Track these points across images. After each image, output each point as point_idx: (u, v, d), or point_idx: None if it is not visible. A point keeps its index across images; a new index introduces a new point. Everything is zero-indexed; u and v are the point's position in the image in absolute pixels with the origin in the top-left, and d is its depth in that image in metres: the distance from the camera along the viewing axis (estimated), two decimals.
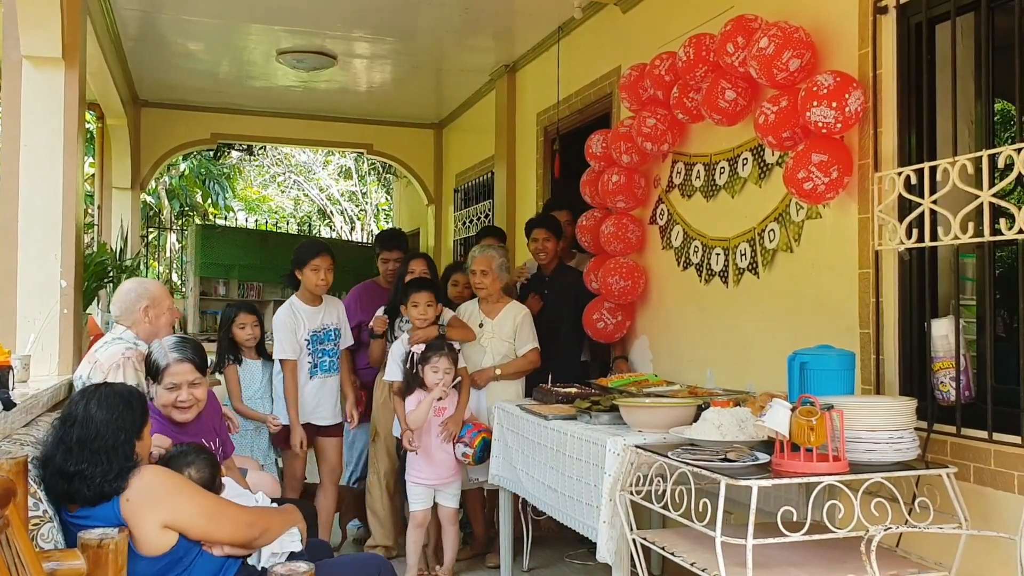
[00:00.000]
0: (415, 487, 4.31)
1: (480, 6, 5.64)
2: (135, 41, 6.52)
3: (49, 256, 4.06)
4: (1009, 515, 2.64)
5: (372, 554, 3.86)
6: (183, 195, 14.57)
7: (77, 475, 2.38)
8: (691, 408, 3.37)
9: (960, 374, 2.86)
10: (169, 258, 14.49)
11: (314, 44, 6.52)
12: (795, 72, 3.37)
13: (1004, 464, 2.74)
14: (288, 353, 4.53)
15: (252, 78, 7.53)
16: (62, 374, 3.97)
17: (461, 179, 8.59)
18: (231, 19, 6.06)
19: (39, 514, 2.30)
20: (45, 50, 4.07)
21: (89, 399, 2.51)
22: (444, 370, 4.21)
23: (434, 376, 4.20)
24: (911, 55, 3.14)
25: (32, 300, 4.03)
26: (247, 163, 17.63)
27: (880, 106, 3.21)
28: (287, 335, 4.55)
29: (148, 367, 3.26)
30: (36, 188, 4.07)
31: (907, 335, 3.13)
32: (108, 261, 5.57)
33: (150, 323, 3.52)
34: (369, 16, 5.90)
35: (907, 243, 3.01)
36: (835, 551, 2.83)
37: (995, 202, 2.71)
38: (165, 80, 7.64)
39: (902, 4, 3.14)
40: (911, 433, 2.73)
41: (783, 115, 3.38)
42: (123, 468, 2.43)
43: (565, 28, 5.86)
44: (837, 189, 3.26)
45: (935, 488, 2.79)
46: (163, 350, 3.24)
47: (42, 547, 2.25)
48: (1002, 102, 4.66)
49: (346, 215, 18.22)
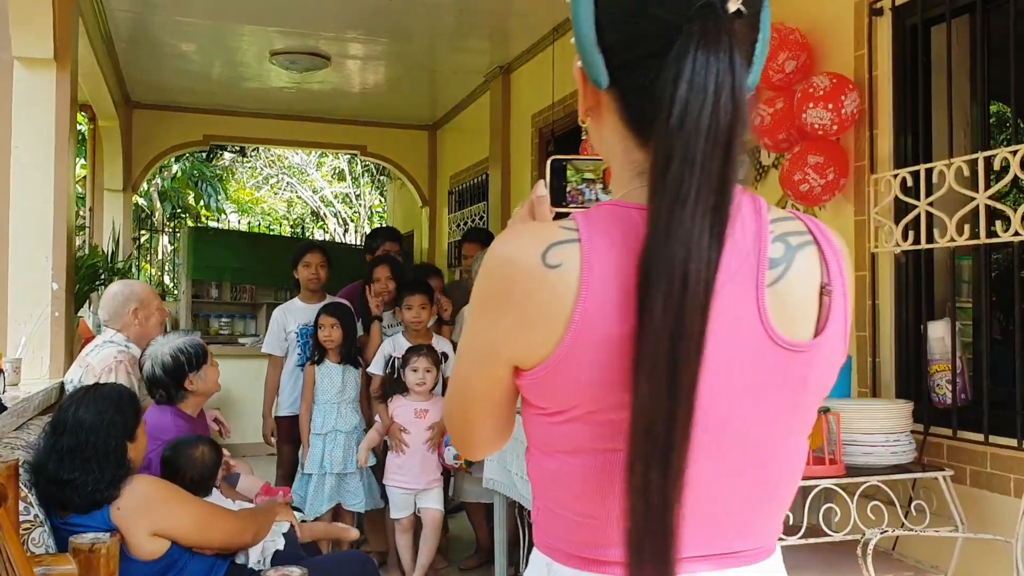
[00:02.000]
0: (396, 493, 4.25)
1: (474, 7, 5.63)
2: (127, 42, 6.49)
3: (40, 258, 4.03)
4: (1005, 518, 2.64)
5: (356, 552, 3.84)
6: (175, 197, 14.51)
7: (69, 483, 2.36)
8: None
9: (956, 377, 2.86)
10: (161, 260, 14.44)
11: (307, 45, 6.50)
12: (791, 74, 3.37)
13: (1000, 467, 2.73)
14: (270, 348, 4.77)
15: (245, 79, 7.50)
16: (53, 377, 3.94)
17: (455, 181, 8.58)
18: (224, 20, 6.03)
19: (30, 518, 2.28)
20: (37, 51, 4.04)
21: (79, 404, 2.48)
22: (424, 369, 4.18)
23: (414, 376, 4.19)
24: (907, 57, 3.14)
25: (23, 303, 4.00)
26: (240, 165, 17.58)
27: (876, 108, 3.20)
28: (274, 331, 4.78)
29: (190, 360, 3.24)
30: (27, 190, 4.04)
31: (903, 338, 3.13)
32: (100, 263, 5.53)
33: (140, 325, 3.50)
34: (363, 17, 5.88)
35: (903, 245, 3.01)
36: (832, 554, 2.82)
37: (991, 204, 2.71)
38: (157, 81, 7.61)
39: (898, 6, 3.14)
40: (907, 436, 2.73)
41: (779, 117, 3.38)
42: (115, 476, 2.40)
43: (560, 29, 5.85)
44: (833, 191, 3.26)
45: (931, 491, 2.78)
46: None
47: (33, 551, 2.22)
48: (997, 104, 4.67)
49: (339, 217, 18.19)
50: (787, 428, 0.97)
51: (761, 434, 0.95)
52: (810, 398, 0.97)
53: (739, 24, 0.88)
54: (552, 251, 0.92)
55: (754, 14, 0.93)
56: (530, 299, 0.92)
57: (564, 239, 0.92)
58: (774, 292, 0.93)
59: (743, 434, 0.94)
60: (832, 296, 0.95)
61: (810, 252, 0.96)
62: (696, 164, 0.84)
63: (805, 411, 0.98)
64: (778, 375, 0.94)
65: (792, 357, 0.93)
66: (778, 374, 0.93)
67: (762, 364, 0.92)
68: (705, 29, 0.86)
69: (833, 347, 0.96)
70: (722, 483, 0.94)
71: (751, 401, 0.93)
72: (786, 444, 0.98)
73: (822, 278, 0.96)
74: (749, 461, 0.95)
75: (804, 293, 0.95)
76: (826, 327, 0.95)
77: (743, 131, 0.86)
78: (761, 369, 0.93)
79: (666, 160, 0.85)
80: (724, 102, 0.85)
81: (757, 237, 0.93)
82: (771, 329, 0.92)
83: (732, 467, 0.95)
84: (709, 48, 0.86)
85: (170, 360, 3.19)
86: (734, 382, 0.92)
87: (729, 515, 0.96)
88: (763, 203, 0.97)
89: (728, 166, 0.85)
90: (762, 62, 0.97)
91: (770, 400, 0.94)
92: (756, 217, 0.95)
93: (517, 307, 0.93)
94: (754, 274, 0.92)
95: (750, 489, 0.96)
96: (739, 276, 0.91)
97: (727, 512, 0.96)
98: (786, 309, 0.93)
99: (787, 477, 1.00)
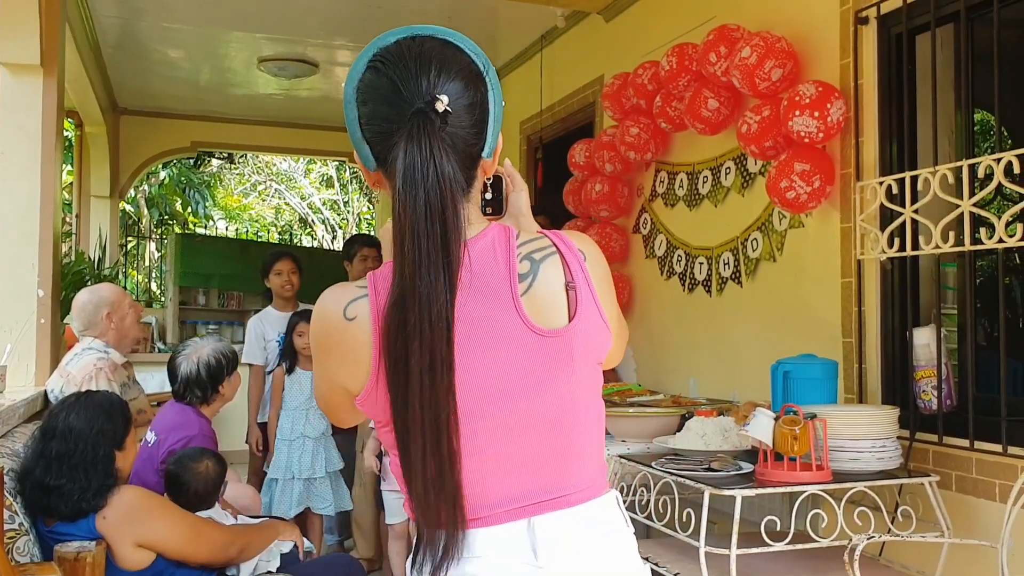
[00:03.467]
0: (392, 498, 4.24)
1: (463, 14, 5.63)
2: (115, 48, 6.47)
3: (26, 265, 4.00)
4: (991, 523, 2.65)
5: (340, 554, 3.82)
6: (162, 203, 14.46)
7: (56, 490, 2.35)
8: (675, 418, 3.36)
9: (942, 383, 2.87)
10: (148, 267, 14.36)
11: (295, 52, 6.50)
12: (777, 82, 3.39)
13: (985, 472, 2.75)
14: (251, 358, 4.73)
15: (233, 86, 7.49)
16: (39, 384, 3.91)
17: None
18: (212, 26, 6.02)
19: (15, 527, 2.26)
20: (23, 57, 4.02)
21: (69, 410, 2.48)
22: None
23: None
24: (892, 65, 3.16)
25: (8, 310, 3.97)
26: (228, 171, 17.53)
27: (862, 116, 3.22)
28: (253, 340, 4.76)
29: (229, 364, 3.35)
30: (13, 196, 4.01)
31: (889, 344, 3.14)
32: (86, 270, 5.52)
33: (116, 329, 3.48)
34: (351, 24, 5.88)
35: (889, 252, 3.03)
36: (819, 560, 2.83)
37: (975, 212, 2.73)
38: (145, 88, 7.59)
39: (883, 15, 3.16)
40: (894, 442, 2.74)
41: (765, 124, 3.40)
42: (103, 485, 2.40)
43: (548, 37, 5.87)
44: (819, 198, 3.27)
45: (918, 497, 2.80)
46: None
47: (18, 561, 2.21)
48: (982, 112, 4.70)
49: (328, 224, 18.15)
50: (571, 394, 1.23)
51: (548, 402, 1.21)
52: (584, 367, 1.25)
53: (457, 115, 1.18)
54: (350, 306, 1.21)
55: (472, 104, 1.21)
56: (340, 346, 1.23)
57: (358, 296, 1.22)
58: (528, 298, 1.21)
59: (532, 407, 1.21)
60: (577, 289, 1.23)
61: (552, 261, 1.24)
62: (421, 236, 1.12)
63: (585, 377, 1.25)
64: (547, 356, 1.21)
65: (554, 340, 1.21)
66: (547, 355, 1.21)
67: (533, 351, 1.20)
68: (411, 131, 1.14)
69: (589, 326, 1.24)
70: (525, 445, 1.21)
71: (532, 380, 1.20)
72: (574, 404, 1.24)
73: (566, 278, 1.23)
74: (543, 425, 1.22)
75: (552, 292, 1.22)
76: (577, 313, 1.22)
77: (455, 201, 1.14)
78: (533, 355, 1.20)
79: (401, 235, 1.14)
80: (431, 187, 1.13)
81: (507, 261, 1.21)
82: (531, 325, 1.20)
83: (531, 434, 1.21)
84: (415, 144, 1.14)
85: (214, 362, 3.29)
86: (514, 371, 1.19)
87: (540, 470, 1.23)
88: (513, 232, 1.25)
89: (447, 232, 1.13)
90: (497, 130, 1.25)
91: (547, 375, 1.21)
92: (506, 245, 1.23)
93: (334, 351, 1.24)
94: (509, 289, 1.20)
95: (551, 445, 1.22)
96: (499, 293, 1.20)
97: (538, 467, 1.22)
98: (540, 307, 1.21)
99: (581, 429, 1.26)
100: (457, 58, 1.21)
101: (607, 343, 1.28)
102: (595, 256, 1.28)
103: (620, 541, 1.30)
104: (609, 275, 1.31)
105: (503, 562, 1.21)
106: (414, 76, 1.18)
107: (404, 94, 1.17)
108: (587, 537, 1.25)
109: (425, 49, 1.20)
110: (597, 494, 1.28)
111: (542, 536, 1.22)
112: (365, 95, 1.21)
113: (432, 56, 1.19)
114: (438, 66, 1.18)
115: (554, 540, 1.22)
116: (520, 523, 1.22)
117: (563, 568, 1.22)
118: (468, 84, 1.20)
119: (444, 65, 1.19)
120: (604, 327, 1.26)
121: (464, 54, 1.22)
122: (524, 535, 1.21)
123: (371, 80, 1.21)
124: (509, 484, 1.22)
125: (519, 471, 1.22)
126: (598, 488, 1.29)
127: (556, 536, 1.22)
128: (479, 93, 1.22)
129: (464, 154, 1.20)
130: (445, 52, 1.21)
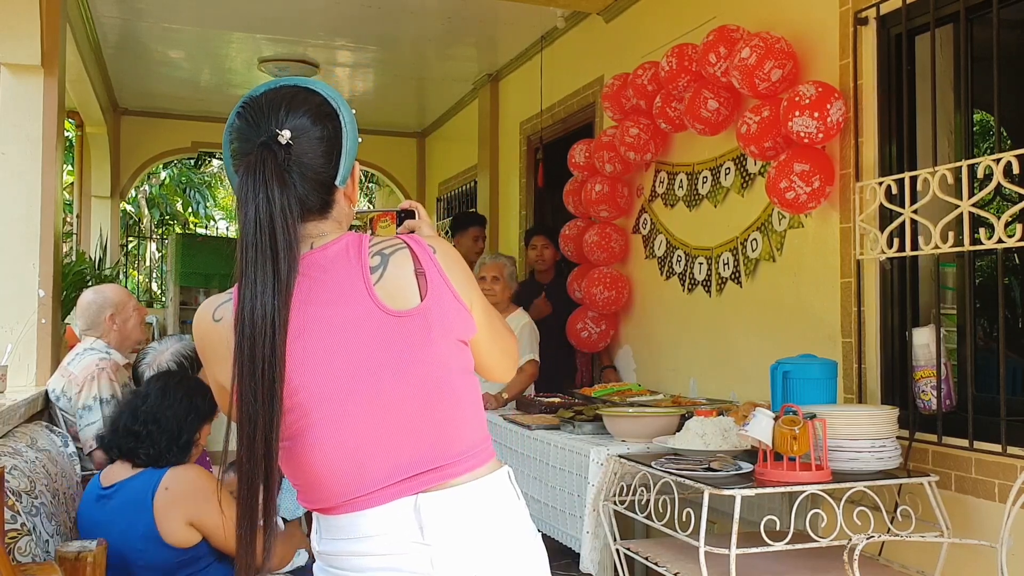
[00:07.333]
0: None
1: (463, 15, 5.64)
2: (115, 49, 6.47)
3: (27, 265, 4.01)
4: (990, 523, 2.66)
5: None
6: (163, 204, 14.48)
7: (145, 436, 2.53)
8: (674, 417, 3.37)
9: (941, 383, 2.88)
10: (149, 267, 14.37)
11: (296, 53, 6.50)
12: (777, 82, 3.39)
13: (985, 472, 2.75)
14: None
15: (233, 86, 7.49)
16: (40, 385, 3.91)
17: (444, 188, 8.58)
18: (212, 27, 6.03)
19: (16, 527, 2.27)
20: (24, 57, 4.02)
21: (167, 379, 2.70)
22: None
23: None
24: (892, 66, 3.17)
25: (9, 310, 3.97)
26: None
27: (861, 116, 3.23)
28: None
29: (192, 365, 3.29)
30: (14, 196, 4.02)
31: (889, 344, 3.15)
32: (87, 270, 5.51)
33: (118, 330, 3.48)
34: (351, 25, 5.88)
35: (888, 252, 3.03)
36: (818, 560, 2.83)
37: (975, 212, 2.73)
38: (145, 88, 7.60)
39: (882, 16, 3.17)
40: (893, 442, 2.74)
41: (765, 125, 3.40)
42: (187, 442, 2.58)
43: (548, 37, 5.87)
44: (819, 199, 3.28)
45: (917, 496, 2.80)
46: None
47: (19, 560, 2.21)
48: (981, 113, 4.71)
49: None
50: (437, 367, 1.37)
51: (415, 375, 1.35)
52: (443, 341, 1.38)
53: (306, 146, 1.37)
54: (218, 310, 1.39)
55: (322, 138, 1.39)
56: (213, 347, 1.39)
57: (225, 300, 1.39)
58: (380, 286, 1.36)
59: (400, 380, 1.34)
60: (427, 274, 1.38)
61: (402, 254, 1.40)
62: (249, 247, 1.29)
63: (447, 352, 1.39)
64: (406, 333, 1.36)
65: (409, 319, 1.36)
66: (405, 332, 1.36)
67: (392, 331, 1.35)
68: (250, 160, 1.33)
69: (443, 305, 1.39)
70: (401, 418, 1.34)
71: (394, 355, 1.34)
72: (440, 378, 1.37)
73: (415, 267, 1.39)
74: (413, 397, 1.35)
75: (402, 278, 1.38)
76: (428, 293, 1.37)
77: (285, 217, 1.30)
78: (392, 334, 1.35)
79: (243, 248, 1.29)
80: (260, 207, 1.29)
81: (359, 257, 1.38)
82: (385, 308, 1.35)
83: (403, 407, 1.34)
84: (252, 170, 1.32)
85: (174, 367, 3.22)
86: (376, 349, 1.34)
87: (418, 441, 1.35)
88: (366, 238, 1.43)
89: (276, 242, 1.29)
90: (349, 161, 1.43)
91: (409, 350, 1.35)
92: (358, 246, 1.40)
93: (208, 352, 1.41)
94: (363, 280, 1.36)
95: (424, 416, 1.35)
96: (354, 284, 1.36)
97: (415, 439, 1.35)
98: (392, 293, 1.37)
99: (453, 401, 1.39)
100: (310, 99, 1.41)
101: (468, 324, 1.43)
102: (446, 251, 1.45)
103: (508, 516, 1.43)
104: (468, 271, 1.47)
105: (390, 540, 1.33)
106: (265, 116, 1.37)
107: (257, 131, 1.36)
108: (473, 513, 1.37)
109: (281, 94, 1.40)
110: (480, 464, 1.40)
111: (428, 514, 1.33)
112: (232, 136, 1.41)
113: (283, 99, 1.39)
114: (287, 107, 1.38)
115: (440, 517, 1.34)
116: (407, 501, 1.34)
117: (449, 544, 1.34)
118: (317, 120, 1.39)
119: (293, 105, 1.38)
120: (462, 308, 1.42)
121: (319, 96, 1.42)
122: (411, 513, 1.33)
123: (236, 123, 1.40)
124: (390, 457, 1.34)
125: (397, 444, 1.34)
126: (481, 458, 1.41)
127: (442, 513, 1.34)
128: (329, 129, 1.40)
129: (314, 180, 1.39)
130: (298, 95, 1.40)
